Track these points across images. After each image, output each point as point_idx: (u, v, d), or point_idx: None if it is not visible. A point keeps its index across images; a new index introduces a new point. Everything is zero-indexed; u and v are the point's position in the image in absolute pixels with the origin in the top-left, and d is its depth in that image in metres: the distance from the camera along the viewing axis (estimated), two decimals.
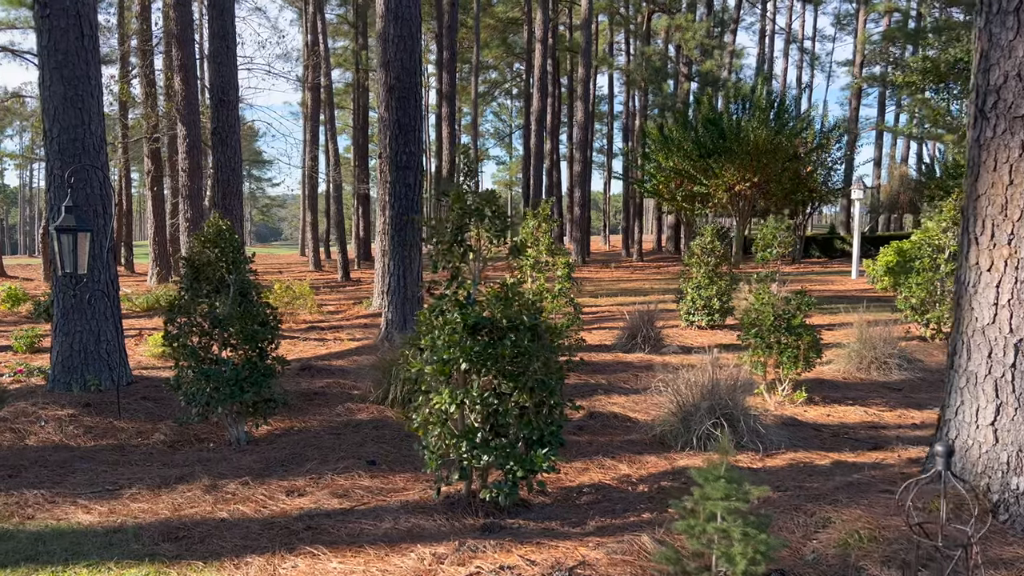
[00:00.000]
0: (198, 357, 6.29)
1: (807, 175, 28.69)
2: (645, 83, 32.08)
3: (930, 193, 38.87)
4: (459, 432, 4.50)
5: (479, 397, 4.38)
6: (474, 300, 4.55)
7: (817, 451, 5.77)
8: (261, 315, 6.42)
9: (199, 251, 6.39)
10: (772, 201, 28.79)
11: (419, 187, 10.78)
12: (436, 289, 4.71)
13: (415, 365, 4.58)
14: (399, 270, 10.71)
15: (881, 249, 18.57)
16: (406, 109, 10.57)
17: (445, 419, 4.56)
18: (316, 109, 29.91)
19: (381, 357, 7.92)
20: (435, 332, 4.52)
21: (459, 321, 4.37)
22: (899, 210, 43.58)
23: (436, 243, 4.60)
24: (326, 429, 6.85)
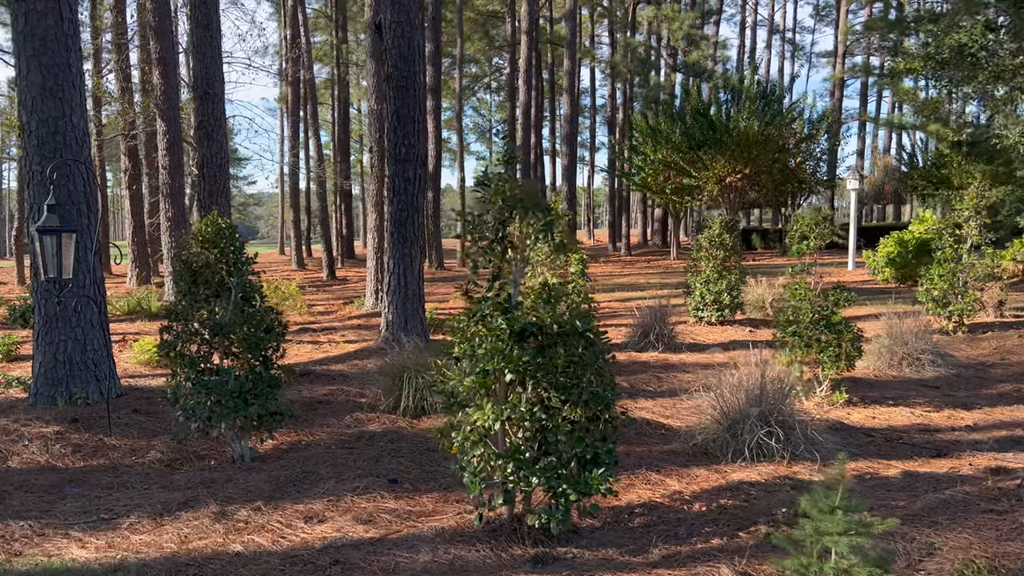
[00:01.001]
0: (197, 367, 5.75)
1: (796, 166, 28.45)
2: (631, 75, 31.67)
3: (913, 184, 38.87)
4: (503, 452, 4.01)
5: (527, 412, 3.90)
6: (518, 303, 4.07)
7: (878, 459, 5.34)
8: (266, 321, 5.88)
9: (197, 252, 5.84)
10: (762, 193, 28.54)
11: (420, 181, 10.26)
12: (475, 291, 4.22)
13: (453, 377, 4.08)
14: (399, 268, 10.18)
15: (881, 240, 18.29)
16: (405, 99, 10.04)
17: (484, 437, 4.08)
18: (296, 104, 29.19)
19: (391, 362, 7.40)
20: (475, 340, 4.03)
21: (504, 327, 3.88)
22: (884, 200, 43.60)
23: (474, 240, 4.10)
24: (336, 442, 6.34)
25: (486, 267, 4.09)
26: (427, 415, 7.07)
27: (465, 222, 4.12)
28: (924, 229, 17.74)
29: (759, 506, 4.40)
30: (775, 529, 4.00)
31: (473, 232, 4.08)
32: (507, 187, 4.01)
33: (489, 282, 4.09)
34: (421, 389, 7.12)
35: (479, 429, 4.04)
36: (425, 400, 7.10)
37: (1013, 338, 9.86)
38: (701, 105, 27.05)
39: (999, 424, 6.25)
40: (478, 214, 4.15)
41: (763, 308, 13.32)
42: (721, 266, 12.01)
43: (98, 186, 7.10)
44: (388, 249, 10.25)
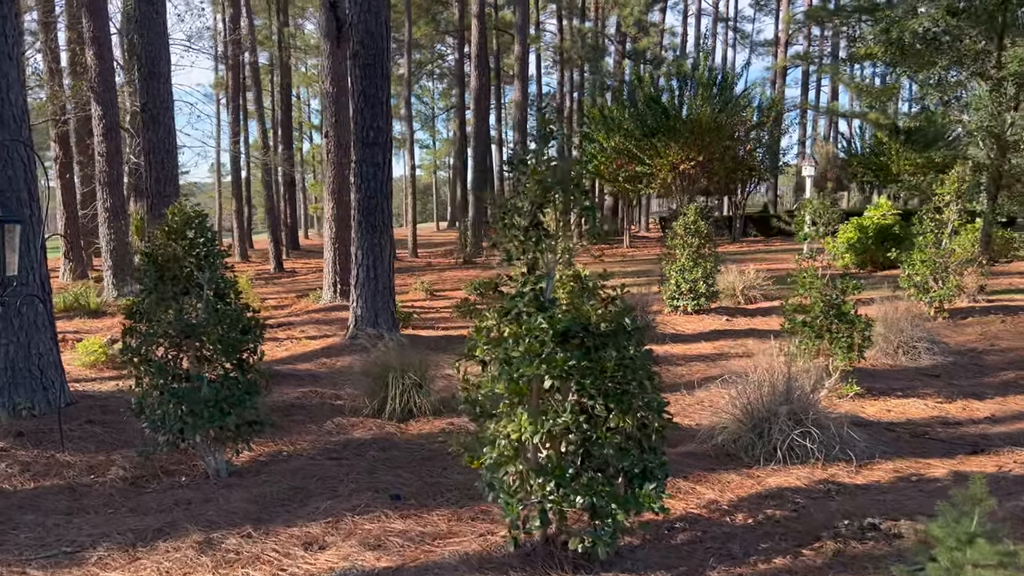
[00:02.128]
0: (166, 373, 5.11)
1: (747, 153, 28.53)
2: (582, 61, 31.30)
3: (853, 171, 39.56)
4: (540, 467, 3.53)
5: (573, 423, 3.42)
6: (553, 299, 3.58)
7: (914, 458, 5.03)
8: (242, 320, 5.27)
9: (163, 244, 5.19)
10: (713, 181, 28.53)
11: (389, 166, 9.66)
12: (505, 286, 3.71)
13: (486, 384, 3.57)
14: (369, 259, 9.58)
15: (839, 226, 18.33)
16: (373, 79, 9.41)
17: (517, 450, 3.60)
18: (237, 90, 28.00)
19: (374, 361, 6.83)
20: (507, 341, 3.52)
21: (545, 327, 3.38)
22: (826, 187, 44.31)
23: (506, 226, 3.59)
24: (321, 452, 5.76)
25: (519, 258, 3.58)
26: (415, 418, 6.55)
27: (496, 208, 3.60)
28: (882, 215, 17.84)
29: (813, 517, 4.01)
30: (843, 545, 3.61)
31: (505, 218, 3.57)
32: (545, 167, 3.52)
33: (524, 275, 3.58)
34: (408, 390, 6.59)
35: (512, 443, 3.55)
36: (413, 402, 6.57)
37: (995, 323, 9.77)
38: (654, 92, 26.85)
39: (1018, 415, 6.02)
40: (509, 198, 3.64)
41: (734, 296, 13.09)
42: (696, 254, 11.71)
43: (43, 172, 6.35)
44: (356, 239, 9.63)
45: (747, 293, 13.14)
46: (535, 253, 3.56)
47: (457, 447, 3.85)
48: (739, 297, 13.01)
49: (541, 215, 3.54)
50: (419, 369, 6.80)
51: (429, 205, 72.86)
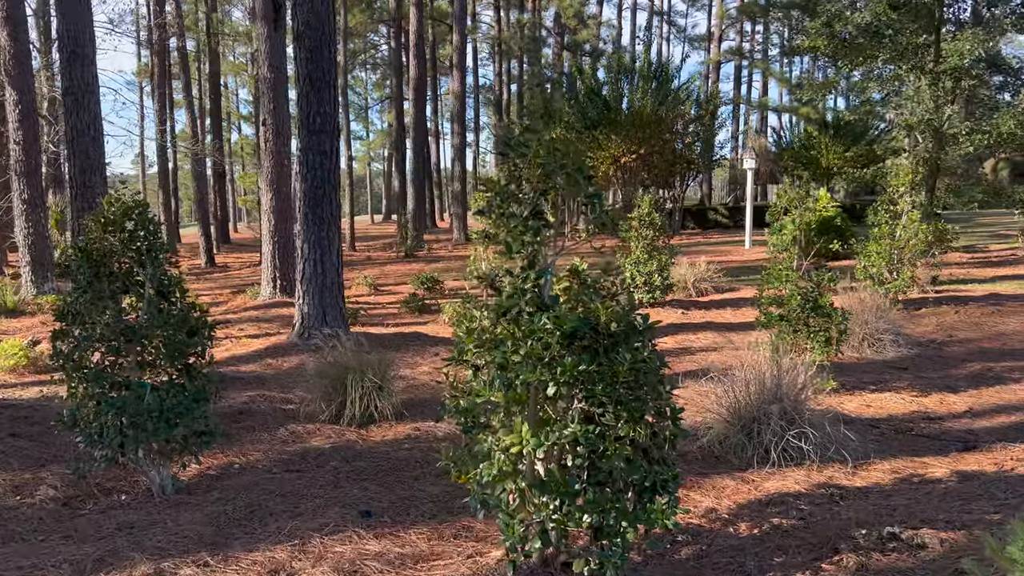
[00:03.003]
0: (103, 381, 4.58)
1: (685, 147, 28.65)
2: (522, 52, 30.99)
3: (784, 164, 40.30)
4: (542, 483, 3.18)
5: (580, 434, 3.07)
6: (557, 297, 3.23)
7: (908, 457, 4.85)
8: (189, 321, 4.77)
9: (98, 237, 4.65)
10: (653, 174, 28.59)
11: (337, 155, 9.14)
12: (500, 282, 3.34)
13: (482, 392, 3.20)
14: (316, 253, 9.06)
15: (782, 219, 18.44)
16: (319, 62, 8.87)
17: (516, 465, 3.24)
18: (164, 76, 26.76)
19: (332, 362, 6.36)
20: (506, 344, 3.16)
21: (549, 328, 3.03)
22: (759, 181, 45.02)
23: (503, 217, 3.22)
24: (277, 464, 5.29)
25: (519, 251, 3.21)
26: (376, 424, 6.12)
27: (494, 194, 3.22)
28: (823, 207, 17.98)
29: (823, 525, 3.76)
30: (864, 557, 3.36)
31: (503, 206, 3.19)
32: (546, 150, 3.15)
33: (524, 270, 3.21)
34: (369, 393, 6.16)
35: (511, 456, 3.19)
36: (374, 406, 6.14)
37: (949, 314, 9.83)
38: (595, 84, 26.72)
39: (997, 409, 5.94)
40: (505, 183, 3.27)
41: (686, 288, 12.98)
42: (651, 246, 11.52)
43: None
44: (302, 232, 9.09)
45: (698, 285, 13.05)
46: (535, 246, 3.20)
47: (447, 461, 3.46)
48: (691, 289, 12.90)
49: (544, 203, 3.18)
50: (379, 370, 6.37)
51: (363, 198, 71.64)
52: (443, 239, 30.35)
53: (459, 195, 29.39)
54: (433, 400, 6.88)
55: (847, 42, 15.63)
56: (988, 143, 14.18)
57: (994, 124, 13.97)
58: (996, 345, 8.22)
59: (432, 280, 14.16)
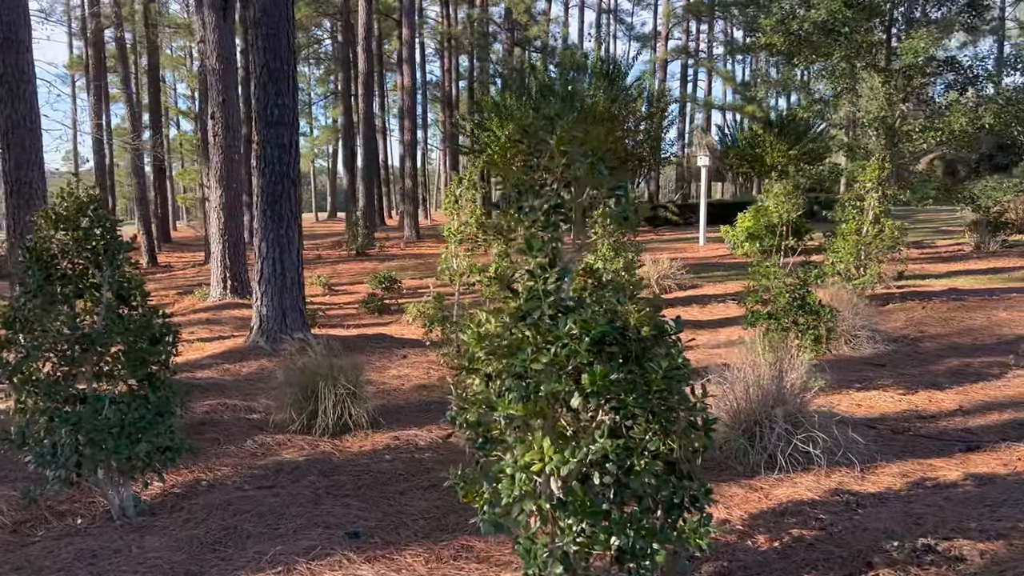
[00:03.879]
0: (57, 395, 4.14)
1: (636, 144, 28.69)
2: (472, 48, 30.63)
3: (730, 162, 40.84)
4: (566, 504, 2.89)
5: (611, 450, 2.80)
6: (582, 299, 2.95)
7: (914, 459, 4.70)
8: (152, 327, 4.36)
9: (49, 236, 4.21)
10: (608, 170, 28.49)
11: (296, 148, 8.71)
12: (515, 283, 3.04)
13: (501, 404, 2.90)
14: (275, 252, 8.62)
15: (738, 215, 18.50)
16: (277, 51, 8.43)
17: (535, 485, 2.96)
18: (100, 69, 25.68)
19: (303, 367, 5.97)
20: (526, 351, 2.87)
21: (576, 333, 2.75)
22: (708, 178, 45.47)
23: (522, 211, 2.92)
24: (249, 480, 4.90)
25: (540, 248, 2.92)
26: (351, 433, 5.76)
27: (511, 186, 2.93)
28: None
29: (848, 537, 3.56)
30: (902, 573, 3.17)
31: (522, 198, 2.90)
32: (570, 136, 2.87)
33: (544, 269, 2.92)
34: (342, 400, 5.79)
35: (531, 475, 2.90)
36: (349, 414, 5.78)
37: (916, 309, 9.86)
38: (548, 80, 26.54)
39: (987, 406, 5.87)
40: (523, 174, 2.97)
41: (650, 286, 12.84)
42: (617, 243, 11.31)
43: None
44: (260, 230, 8.64)
45: (662, 283, 12.93)
46: (556, 243, 2.91)
47: (455, 479, 3.15)
48: (654, 287, 12.77)
49: (567, 195, 2.90)
50: (351, 375, 6.01)
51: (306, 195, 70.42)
52: (394, 237, 29.84)
53: (410, 192, 28.91)
54: (408, 406, 6.55)
55: (802, 39, 15.69)
56: (940, 140, 14.37)
57: (946, 122, 14.16)
58: (967, 340, 8.23)
59: (390, 279, 13.77)
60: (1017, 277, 12.12)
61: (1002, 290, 10.76)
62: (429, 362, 8.07)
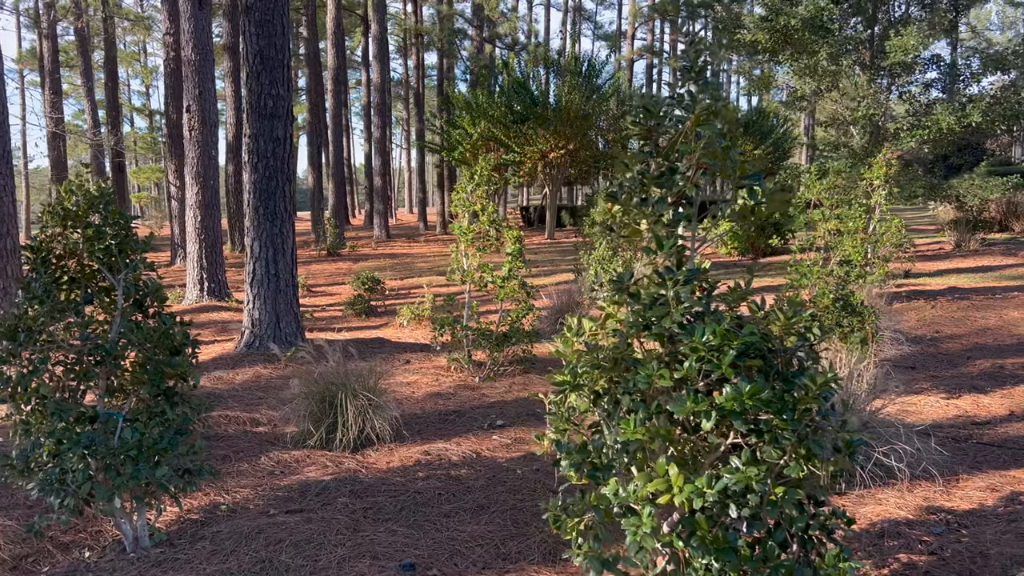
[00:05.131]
0: (67, 414, 3.66)
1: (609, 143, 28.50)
2: (443, 44, 30.13)
3: None
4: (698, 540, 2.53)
5: (755, 479, 2.45)
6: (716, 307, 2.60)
7: (993, 470, 4.44)
8: (172, 336, 3.90)
9: (56, 234, 3.73)
10: (580, 170, 28.30)
11: (290, 141, 8.22)
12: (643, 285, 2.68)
13: (628, 429, 2.52)
14: (268, 253, 8.11)
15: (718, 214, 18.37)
16: (271, 37, 7.93)
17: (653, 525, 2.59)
18: (56, 62, 24.64)
19: (319, 377, 5.52)
20: (650, 365, 2.50)
21: (715, 344, 2.40)
22: None
23: (642, 203, 2.56)
24: (273, 503, 4.45)
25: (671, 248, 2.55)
26: (374, 447, 5.33)
27: (634, 174, 2.56)
28: None
29: (965, 563, 3.26)
30: None
31: (645, 188, 2.53)
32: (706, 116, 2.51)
33: (668, 271, 2.56)
34: (363, 412, 5.36)
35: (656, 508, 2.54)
36: (371, 427, 5.35)
37: (926, 308, 9.71)
38: (521, 78, 26.19)
39: None
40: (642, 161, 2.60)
41: None
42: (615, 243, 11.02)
43: None
44: (252, 228, 8.13)
45: None
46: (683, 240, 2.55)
47: (553, 513, 2.76)
48: None
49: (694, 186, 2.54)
50: (369, 384, 5.58)
51: None
52: (363, 236, 29.24)
53: (380, 191, 28.34)
54: (426, 416, 6.13)
55: (788, 36, 15.57)
56: (929, 138, 14.35)
57: (934, 120, 14.14)
58: (989, 341, 8.07)
59: (373, 280, 13.28)
60: (1009, 275, 12.09)
61: (1002, 288, 10.69)
62: (436, 368, 7.65)
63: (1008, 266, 13.12)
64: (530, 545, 3.77)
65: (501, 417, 6.00)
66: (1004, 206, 18.30)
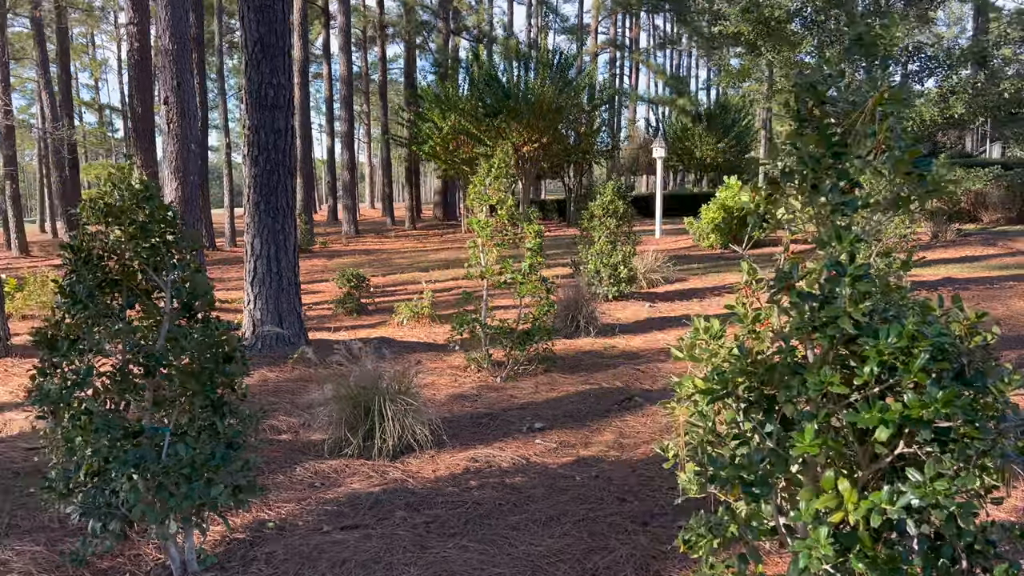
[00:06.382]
0: (115, 429, 3.32)
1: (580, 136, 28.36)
2: (409, 36, 29.66)
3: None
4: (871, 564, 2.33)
5: (942, 493, 2.25)
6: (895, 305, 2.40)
7: None
8: (227, 342, 3.57)
9: (97, 233, 3.38)
10: (553, 164, 28.13)
11: (293, 133, 7.85)
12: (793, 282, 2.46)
13: (801, 443, 2.30)
14: (270, 250, 7.74)
15: (702, 207, 18.29)
16: (272, 24, 7.55)
17: None
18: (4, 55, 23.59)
19: (354, 383, 5.20)
20: (820, 371, 2.29)
21: (899, 344, 2.20)
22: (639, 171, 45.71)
23: (814, 191, 2.34)
24: (324, 518, 4.15)
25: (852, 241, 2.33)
26: (415, 454, 5.05)
27: (810, 159, 2.33)
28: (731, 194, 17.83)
29: None
30: None
31: (818, 171, 2.31)
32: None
33: (839, 266, 2.34)
34: (400, 416, 5.07)
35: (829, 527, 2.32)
36: (410, 433, 5.06)
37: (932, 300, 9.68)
38: (492, 71, 25.89)
39: None
40: (806, 141, 2.38)
41: (637, 281, 12.40)
42: (613, 236, 10.84)
43: None
44: (252, 225, 7.75)
45: (649, 276, 12.51)
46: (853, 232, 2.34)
47: (700, 533, 2.53)
48: (642, 281, 12.34)
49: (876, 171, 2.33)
50: (403, 387, 5.30)
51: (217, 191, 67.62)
52: (331, 232, 28.66)
53: (349, 186, 27.83)
54: (458, 419, 5.85)
55: (772, 28, 15.56)
56: (911, 129, 14.45)
57: (917, 111, 14.24)
58: (1007, 332, 8.05)
59: (358, 277, 12.91)
60: (998, 265, 12.22)
61: (998, 278, 10.77)
62: (452, 368, 7.37)
63: (993, 256, 13.27)
64: (618, 560, 3.54)
65: (538, 420, 5.76)
66: (973, 197, 18.59)
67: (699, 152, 39.49)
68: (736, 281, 11.57)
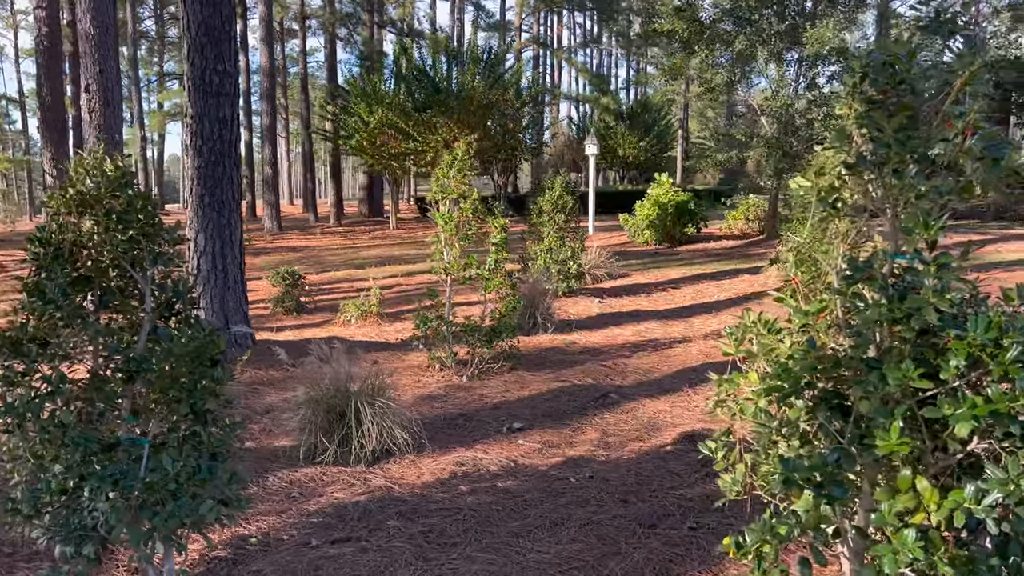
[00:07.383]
0: (91, 443, 2.99)
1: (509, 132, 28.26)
2: (333, 29, 28.95)
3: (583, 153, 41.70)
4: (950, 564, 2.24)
5: None
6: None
7: None
8: (211, 346, 3.26)
9: (69, 224, 3.03)
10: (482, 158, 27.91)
11: (238, 123, 7.43)
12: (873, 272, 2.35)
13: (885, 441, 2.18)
14: (214, 246, 7.30)
15: (637, 203, 18.39)
16: (216, 6, 7.10)
17: None
18: None
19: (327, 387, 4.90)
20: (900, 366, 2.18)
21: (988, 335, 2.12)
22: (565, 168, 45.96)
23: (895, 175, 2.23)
24: (311, 531, 3.86)
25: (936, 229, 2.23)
26: (395, 459, 4.80)
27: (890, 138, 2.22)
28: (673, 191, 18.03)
29: None
30: None
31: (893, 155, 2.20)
32: None
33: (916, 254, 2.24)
34: (380, 420, 4.81)
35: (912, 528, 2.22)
36: (391, 437, 4.81)
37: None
38: (421, 65, 25.52)
39: None
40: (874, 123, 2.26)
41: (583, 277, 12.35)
42: (562, 231, 10.74)
43: None
44: (195, 219, 7.29)
45: (594, 272, 12.48)
46: None
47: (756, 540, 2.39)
48: (588, 277, 12.28)
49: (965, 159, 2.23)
50: (377, 388, 5.03)
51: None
52: (251, 228, 27.68)
53: (271, 181, 26.96)
54: (431, 420, 5.61)
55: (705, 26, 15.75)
56: None
57: None
58: None
59: (294, 275, 12.45)
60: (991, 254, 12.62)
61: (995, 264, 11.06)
62: (412, 367, 7.11)
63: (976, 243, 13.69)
64: (635, 564, 3.39)
65: (515, 420, 5.57)
66: None
67: (622, 150, 39.97)
68: (677, 276, 11.60)
